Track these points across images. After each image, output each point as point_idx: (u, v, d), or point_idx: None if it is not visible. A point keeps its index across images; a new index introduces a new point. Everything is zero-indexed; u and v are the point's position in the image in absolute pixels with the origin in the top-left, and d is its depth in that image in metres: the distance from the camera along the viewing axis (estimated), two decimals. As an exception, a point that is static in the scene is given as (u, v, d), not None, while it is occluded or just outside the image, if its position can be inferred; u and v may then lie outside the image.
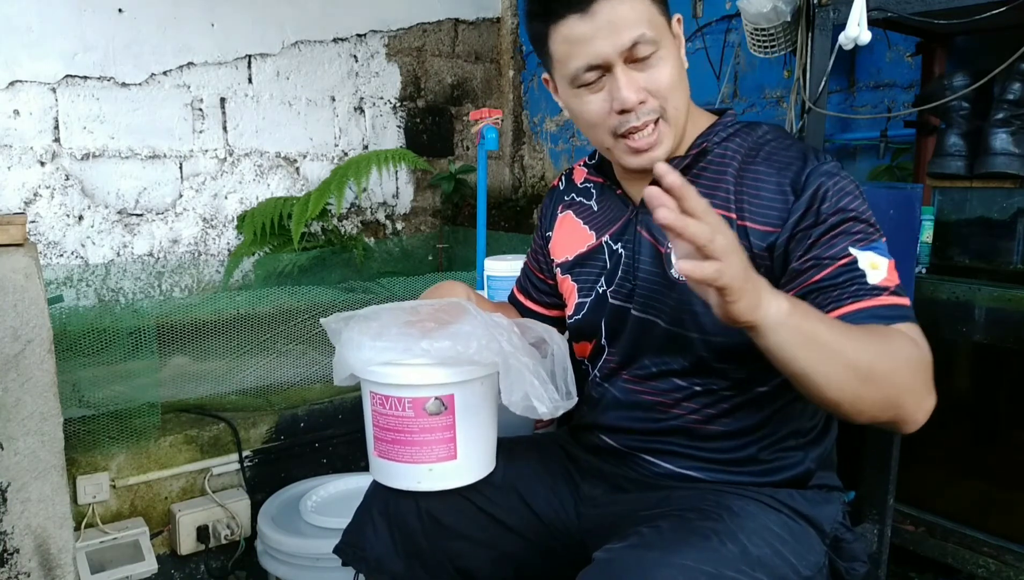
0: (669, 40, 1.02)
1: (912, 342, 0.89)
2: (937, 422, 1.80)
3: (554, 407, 1.01)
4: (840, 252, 0.94)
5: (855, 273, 0.93)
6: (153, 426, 1.86)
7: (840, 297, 0.93)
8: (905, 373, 0.86)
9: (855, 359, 0.83)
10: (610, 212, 1.17)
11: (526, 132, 3.84)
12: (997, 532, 1.68)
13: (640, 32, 0.97)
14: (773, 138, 1.05)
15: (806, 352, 0.82)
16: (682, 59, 1.06)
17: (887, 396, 0.86)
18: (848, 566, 1.05)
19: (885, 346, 0.86)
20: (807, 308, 0.85)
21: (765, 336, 0.82)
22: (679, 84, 1.02)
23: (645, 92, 1.00)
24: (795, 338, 0.81)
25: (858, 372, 0.83)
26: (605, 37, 0.98)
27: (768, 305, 0.81)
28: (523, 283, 1.37)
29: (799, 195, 0.98)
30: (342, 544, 1.16)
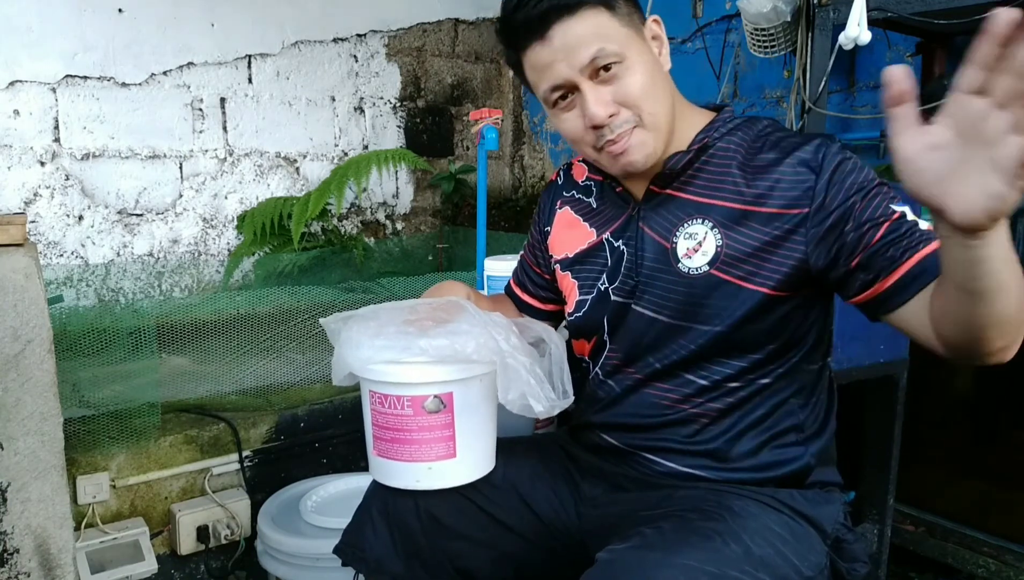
0: (637, 47, 1.02)
1: None
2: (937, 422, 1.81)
3: (550, 406, 1.01)
4: (887, 210, 0.95)
5: (910, 223, 0.94)
6: (153, 426, 1.86)
7: (911, 244, 0.93)
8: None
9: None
10: (610, 209, 1.17)
11: (526, 132, 3.84)
12: (997, 532, 1.69)
13: (597, 48, 0.99)
14: (775, 129, 1.07)
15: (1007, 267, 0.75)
16: (660, 61, 1.06)
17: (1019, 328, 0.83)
18: (849, 567, 1.05)
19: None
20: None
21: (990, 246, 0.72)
22: (652, 89, 1.02)
23: (615, 105, 1.01)
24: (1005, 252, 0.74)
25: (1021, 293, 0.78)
26: (563, 59, 1.00)
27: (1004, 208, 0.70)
28: (519, 276, 1.37)
29: (820, 173, 0.98)
30: (342, 544, 1.16)
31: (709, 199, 1.05)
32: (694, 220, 1.06)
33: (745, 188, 1.03)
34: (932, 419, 1.82)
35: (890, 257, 0.93)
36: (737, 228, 1.02)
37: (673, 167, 1.07)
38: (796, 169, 1.00)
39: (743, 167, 1.04)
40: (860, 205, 0.96)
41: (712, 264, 1.03)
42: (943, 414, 1.82)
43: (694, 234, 1.05)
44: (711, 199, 1.05)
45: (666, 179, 1.09)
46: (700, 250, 1.04)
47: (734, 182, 1.04)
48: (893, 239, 0.94)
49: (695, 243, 1.05)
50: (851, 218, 0.96)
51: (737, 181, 1.03)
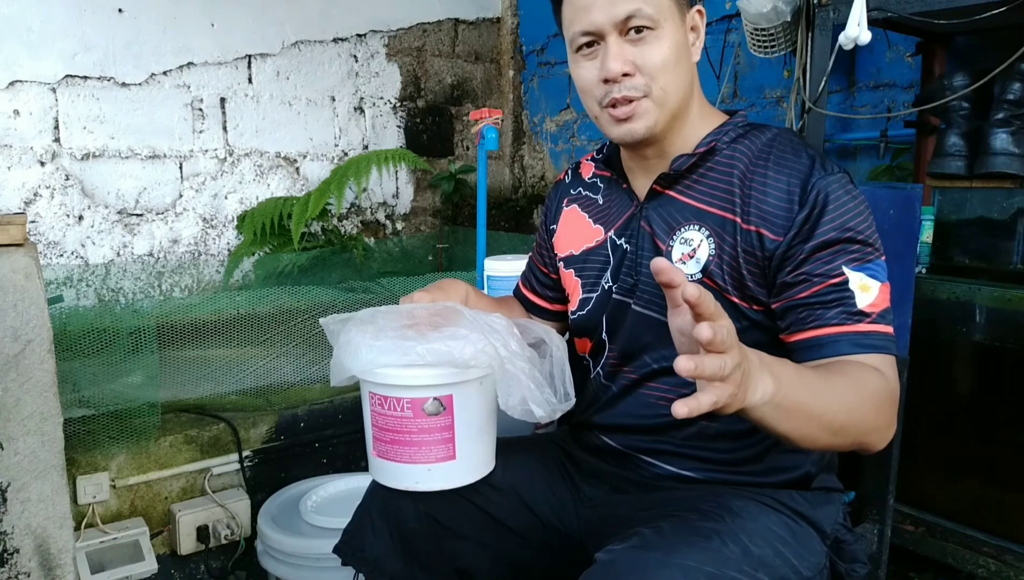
0: (674, 23, 1.02)
1: (882, 378, 0.92)
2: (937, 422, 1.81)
3: (551, 410, 1.01)
4: (832, 270, 0.95)
5: (844, 293, 0.94)
6: (153, 426, 1.86)
7: (823, 316, 0.94)
8: (874, 418, 0.90)
9: (830, 420, 0.87)
10: (615, 207, 1.17)
11: (526, 132, 3.84)
12: (997, 532, 1.69)
13: (636, 6, 0.99)
14: (782, 142, 1.05)
15: (787, 422, 0.83)
16: (690, 50, 1.06)
17: (855, 440, 0.91)
18: (849, 567, 1.05)
19: (859, 395, 0.89)
20: (790, 377, 0.84)
21: (747, 415, 0.81)
22: (673, 67, 1.02)
23: (632, 65, 1.01)
24: (776, 414, 0.82)
25: (831, 429, 0.87)
26: (602, 7, 1.00)
27: (754, 393, 0.79)
28: (527, 277, 1.37)
29: (802, 207, 0.97)
30: (341, 544, 1.16)
31: (708, 206, 1.05)
32: (691, 225, 1.06)
33: (739, 200, 1.02)
34: (932, 419, 1.81)
35: (801, 318, 0.96)
36: (728, 239, 1.02)
37: (678, 169, 1.07)
38: (788, 194, 0.99)
39: (743, 178, 1.03)
40: (811, 254, 0.96)
41: (704, 272, 1.03)
42: (943, 414, 1.81)
43: (689, 240, 1.05)
44: (709, 206, 1.05)
45: (670, 180, 1.08)
46: (694, 257, 1.04)
47: (731, 192, 1.03)
48: (813, 302, 0.95)
49: (690, 249, 1.05)
50: (796, 263, 0.97)
51: (734, 191, 1.03)
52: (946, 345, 1.78)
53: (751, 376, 0.78)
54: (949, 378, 1.83)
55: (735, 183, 1.03)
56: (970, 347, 1.76)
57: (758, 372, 0.79)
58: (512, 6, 3.73)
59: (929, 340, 1.73)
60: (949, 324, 1.75)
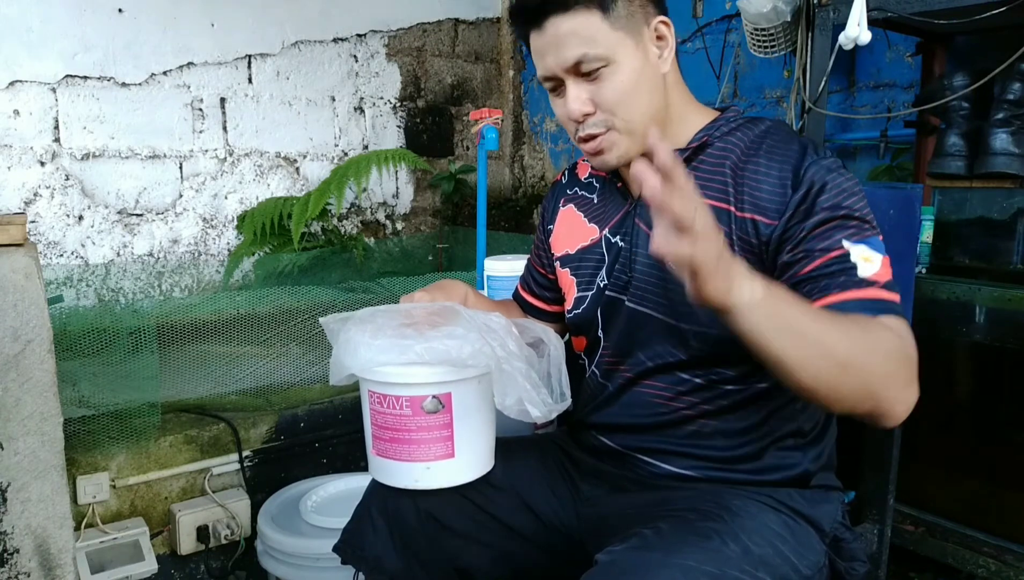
0: (626, 52, 1.02)
1: (896, 335, 0.88)
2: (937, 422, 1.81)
3: (548, 411, 1.01)
4: (833, 244, 0.94)
5: (846, 265, 0.93)
6: (153, 426, 1.86)
7: (828, 286, 0.93)
8: (885, 364, 0.85)
9: (832, 347, 0.83)
10: (610, 205, 1.18)
11: (526, 132, 3.84)
12: (997, 532, 1.68)
13: (581, 52, 1.01)
14: (774, 132, 1.06)
15: (781, 337, 0.81)
16: (655, 64, 1.05)
17: (865, 385, 0.85)
18: (848, 566, 1.05)
19: (866, 336, 0.86)
20: (785, 294, 0.85)
21: (738, 320, 0.81)
22: (632, 95, 1.03)
23: (591, 104, 1.04)
24: (769, 322, 0.81)
25: (835, 360, 0.83)
26: (552, 53, 1.03)
27: (741, 288, 0.80)
28: (526, 279, 1.38)
29: (797, 190, 0.98)
30: (341, 543, 1.16)
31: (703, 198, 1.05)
32: None
33: (732, 189, 1.03)
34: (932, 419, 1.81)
35: (806, 293, 0.94)
36: (722, 228, 1.02)
37: None
38: (780, 181, 0.99)
39: (735, 168, 1.04)
40: (811, 232, 0.96)
41: None
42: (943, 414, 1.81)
43: None
44: (703, 198, 1.05)
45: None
46: None
47: (724, 182, 1.04)
48: (816, 276, 0.94)
49: None
50: (796, 242, 0.96)
51: (727, 181, 1.04)
52: (946, 345, 1.78)
53: (736, 271, 0.80)
54: (949, 378, 1.83)
55: (728, 173, 1.04)
56: (970, 347, 1.76)
57: (746, 275, 0.81)
58: (512, 6, 3.72)
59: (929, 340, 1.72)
60: (949, 324, 1.75)
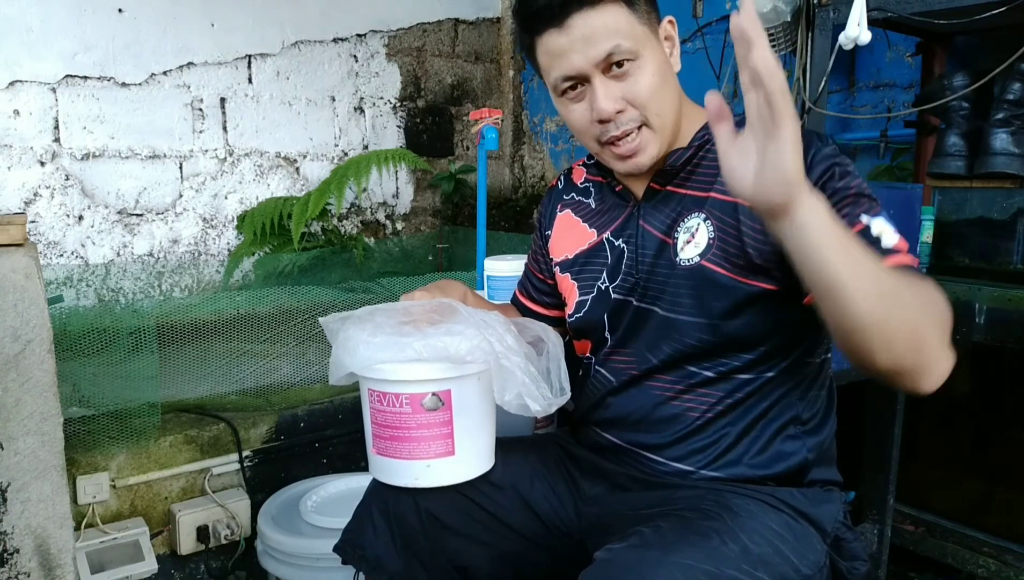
0: (651, 46, 1.03)
1: (938, 290, 0.85)
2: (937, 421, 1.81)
3: (547, 405, 1.01)
4: (852, 220, 0.93)
5: (870, 237, 0.92)
6: (153, 426, 1.86)
7: None
8: (933, 312, 0.82)
9: (887, 281, 0.79)
10: (610, 209, 1.18)
11: (526, 132, 3.84)
12: (997, 532, 1.69)
13: (614, 44, 0.99)
14: None
15: (842, 257, 0.77)
16: (670, 62, 1.06)
17: (915, 328, 0.80)
18: (849, 565, 1.05)
19: (913, 282, 0.82)
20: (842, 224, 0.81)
21: (804, 229, 0.77)
22: (661, 91, 1.03)
23: (624, 101, 1.02)
24: (833, 241, 0.77)
25: (889, 295, 0.78)
26: (580, 50, 1.00)
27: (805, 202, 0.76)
28: (524, 284, 1.38)
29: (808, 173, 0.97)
30: (342, 543, 1.16)
31: (705, 192, 1.06)
32: (692, 214, 1.06)
33: None
34: (932, 419, 1.81)
35: None
36: (728, 220, 1.03)
37: (673, 164, 1.08)
38: None
39: None
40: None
41: (703, 255, 1.04)
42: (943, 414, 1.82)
43: (690, 228, 1.06)
44: (707, 192, 1.06)
45: (666, 176, 1.09)
46: (693, 242, 1.05)
47: None
48: None
49: (688, 235, 1.06)
50: None
51: None
52: (946, 345, 1.78)
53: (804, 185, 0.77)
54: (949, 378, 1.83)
55: None
56: (970, 347, 1.76)
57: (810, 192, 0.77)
58: (512, 6, 3.72)
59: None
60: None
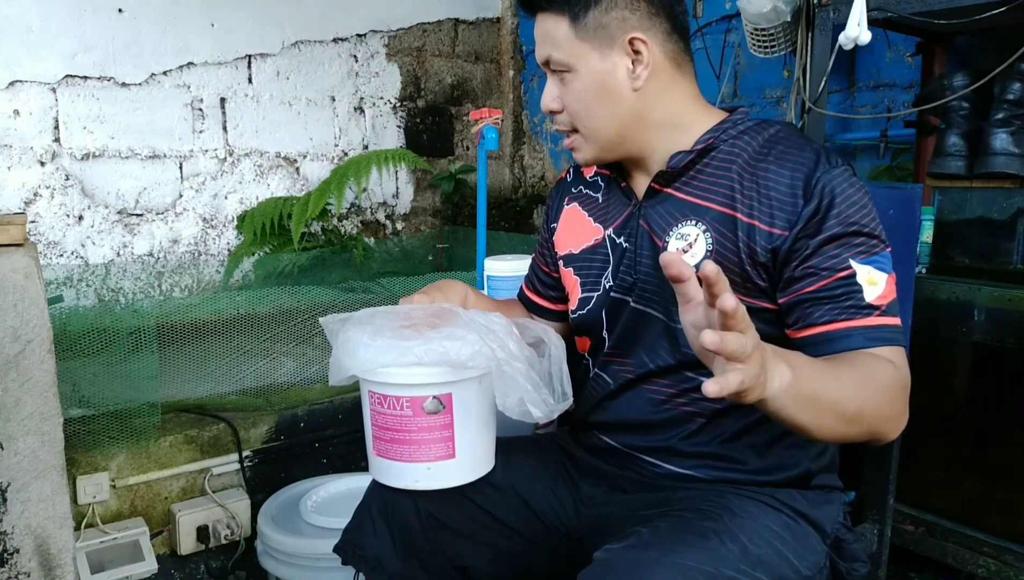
0: (587, 65, 1.05)
1: (895, 369, 0.93)
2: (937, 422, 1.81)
3: (549, 411, 1.01)
4: (839, 264, 0.95)
5: (852, 287, 0.94)
6: (153, 426, 1.86)
7: (832, 311, 0.94)
8: (887, 408, 0.91)
9: (846, 408, 0.87)
10: (615, 205, 1.17)
11: (526, 132, 3.84)
12: (997, 532, 1.68)
13: (548, 52, 1.07)
14: (785, 137, 1.04)
15: (803, 413, 0.84)
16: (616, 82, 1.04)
17: (869, 430, 0.91)
18: (849, 566, 1.05)
19: (873, 385, 0.90)
20: (805, 366, 0.85)
21: (767, 407, 0.82)
22: (591, 106, 1.07)
23: (559, 102, 1.10)
24: (795, 404, 0.83)
25: (845, 417, 0.87)
26: (536, 48, 1.11)
27: (772, 382, 0.80)
28: (530, 278, 1.37)
29: (808, 201, 0.97)
30: (342, 543, 1.16)
31: (705, 201, 1.05)
32: (688, 221, 1.06)
33: (740, 194, 1.02)
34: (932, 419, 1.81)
35: (808, 313, 0.96)
36: (727, 233, 1.02)
37: (675, 166, 1.07)
38: (791, 189, 0.99)
39: (742, 172, 1.03)
40: (818, 249, 0.96)
41: (699, 267, 1.03)
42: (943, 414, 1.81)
43: (686, 235, 1.05)
44: (707, 201, 1.05)
45: (667, 177, 1.09)
46: (690, 252, 1.04)
47: (731, 186, 1.03)
48: (821, 297, 0.95)
49: (686, 244, 1.05)
50: (803, 258, 0.97)
51: (734, 186, 1.03)
52: (946, 345, 1.78)
53: (769, 364, 0.78)
54: (949, 378, 1.83)
55: (735, 178, 1.03)
56: (970, 347, 1.76)
57: (774, 360, 0.80)
58: (512, 6, 3.72)
59: (929, 340, 1.73)
60: (949, 324, 1.75)
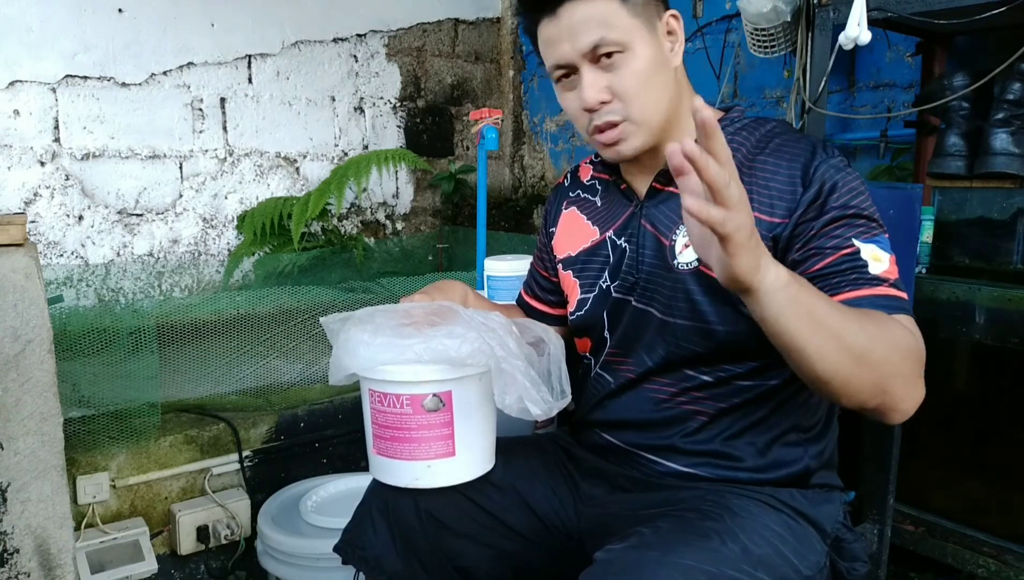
0: (643, 40, 1.02)
1: (910, 333, 0.90)
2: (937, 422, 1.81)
3: (548, 408, 1.01)
4: (842, 242, 0.95)
5: (857, 262, 0.94)
6: (153, 426, 1.86)
7: (840, 284, 0.93)
8: (898, 360, 0.87)
9: (850, 339, 0.83)
10: (613, 207, 1.18)
11: (526, 132, 3.84)
12: (997, 532, 1.68)
13: (600, 35, 1.00)
14: (782, 132, 1.06)
15: (802, 324, 0.82)
16: (667, 57, 1.06)
17: (878, 380, 0.86)
18: (849, 566, 1.05)
19: (882, 330, 0.87)
20: (806, 283, 0.85)
21: (761, 302, 0.81)
22: (648, 85, 1.03)
23: (608, 92, 1.03)
24: (791, 308, 0.81)
25: (852, 352, 0.83)
26: (568, 39, 1.02)
27: (767, 269, 0.80)
28: (529, 283, 1.38)
29: (807, 187, 0.98)
30: (342, 543, 1.16)
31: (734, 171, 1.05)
32: None
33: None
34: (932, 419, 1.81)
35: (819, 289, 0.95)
36: None
37: None
38: (790, 178, 1.00)
39: (740, 167, 1.03)
40: (821, 230, 0.96)
41: (700, 259, 1.03)
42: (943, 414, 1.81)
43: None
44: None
45: (669, 176, 1.08)
46: (690, 245, 1.05)
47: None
48: (827, 273, 0.95)
49: (687, 239, 1.05)
50: (806, 240, 0.97)
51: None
52: (946, 345, 1.78)
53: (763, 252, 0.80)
54: (949, 378, 1.83)
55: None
56: (970, 347, 1.76)
57: (771, 259, 0.81)
58: (512, 6, 3.73)
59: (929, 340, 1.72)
60: (949, 324, 1.75)
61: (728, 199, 0.74)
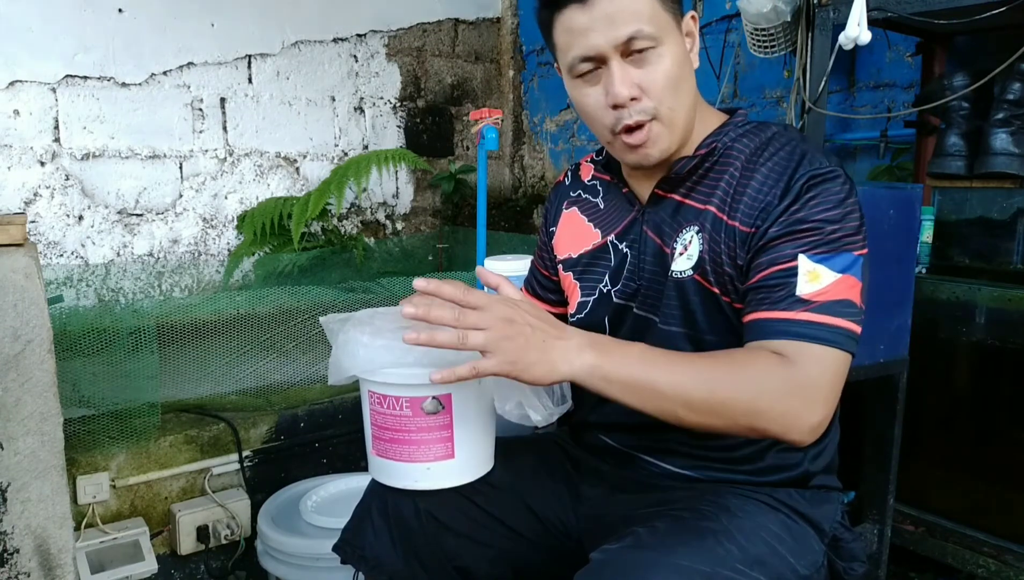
0: (673, 37, 1.00)
1: (782, 366, 0.89)
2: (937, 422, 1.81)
3: (548, 415, 1.01)
4: (781, 256, 0.94)
5: (788, 279, 0.93)
6: (153, 426, 1.86)
7: (760, 301, 0.95)
8: (748, 398, 0.88)
9: (690, 397, 0.88)
10: (616, 211, 1.17)
11: (526, 132, 3.84)
12: (997, 532, 1.69)
13: (637, 27, 0.96)
14: (779, 140, 1.03)
15: (627, 394, 0.88)
16: (690, 58, 1.04)
17: (737, 422, 0.89)
18: (847, 566, 1.05)
19: (731, 373, 0.90)
20: (626, 354, 0.90)
21: (585, 384, 0.88)
22: (677, 83, 1.00)
23: (639, 89, 0.99)
24: (610, 387, 0.87)
25: (692, 406, 0.89)
26: (601, 30, 0.97)
27: (571, 362, 0.87)
28: (530, 281, 1.37)
29: (783, 198, 0.97)
30: (341, 542, 1.16)
31: (704, 205, 1.05)
32: (691, 225, 1.05)
33: (730, 198, 1.02)
34: (932, 419, 1.81)
35: (748, 302, 0.97)
36: (717, 236, 1.02)
37: (679, 172, 1.06)
38: (772, 188, 0.98)
39: (735, 175, 1.03)
40: (767, 242, 0.96)
41: (696, 269, 1.03)
42: (943, 414, 1.81)
43: (685, 240, 1.05)
44: (706, 205, 1.05)
45: (671, 183, 1.08)
46: (686, 254, 1.04)
47: (725, 189, 1.03)
48: (756, 287, 0.96)
49: (682, 247, 1.05)
50: (756, 251, 0.97)
51: (727, 189, 1.03)
52: (946, 345, 1.78)
53: (555, 351, 0.87)
54: (949, 378, 1.83)
55: (730, 181, 1.03)
56: (970, 347, 1.76)
57: (575, 348, 0.89)
58: (512, 6, 3.73)
59: (929, 340, 1.73)
60: (949, 324, 1.75)
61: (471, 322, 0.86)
